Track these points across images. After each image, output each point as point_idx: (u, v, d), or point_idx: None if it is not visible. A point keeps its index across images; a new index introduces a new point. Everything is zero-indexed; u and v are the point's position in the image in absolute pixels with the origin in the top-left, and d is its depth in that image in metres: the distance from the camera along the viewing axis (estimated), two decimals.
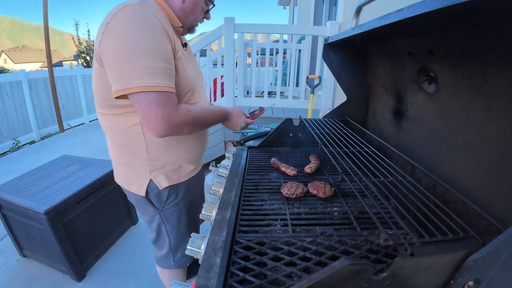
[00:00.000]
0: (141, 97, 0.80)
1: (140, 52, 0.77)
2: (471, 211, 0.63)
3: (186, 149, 1.07)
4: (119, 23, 0.78)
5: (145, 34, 0.78)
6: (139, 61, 0.77)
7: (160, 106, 0.81)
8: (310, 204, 0.89)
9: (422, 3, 0.50)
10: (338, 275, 0.43)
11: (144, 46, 0.78)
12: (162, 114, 0.82)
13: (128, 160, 1.02)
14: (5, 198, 1.71)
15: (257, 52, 5.10)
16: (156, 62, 0.79)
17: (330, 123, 1.31)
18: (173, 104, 0.84)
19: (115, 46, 0.78)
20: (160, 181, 1.04)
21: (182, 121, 0.87)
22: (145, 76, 0.78)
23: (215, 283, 0.53)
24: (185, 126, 0.89)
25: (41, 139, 5.56)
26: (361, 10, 1.09)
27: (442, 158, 0.82)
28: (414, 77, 0.91)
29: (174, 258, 1.20)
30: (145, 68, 0.78)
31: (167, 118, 0.83)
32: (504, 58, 0.56)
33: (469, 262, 0.46)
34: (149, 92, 0.79)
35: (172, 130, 0.86)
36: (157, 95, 0.80)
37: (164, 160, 1.02)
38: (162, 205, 1.10)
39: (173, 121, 0.85)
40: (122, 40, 0.77)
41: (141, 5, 0.81)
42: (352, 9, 1.93)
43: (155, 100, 0.80)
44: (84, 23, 14.20)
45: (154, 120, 0.82)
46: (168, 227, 1.14)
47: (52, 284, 1.78)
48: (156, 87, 0.79)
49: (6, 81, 5.04)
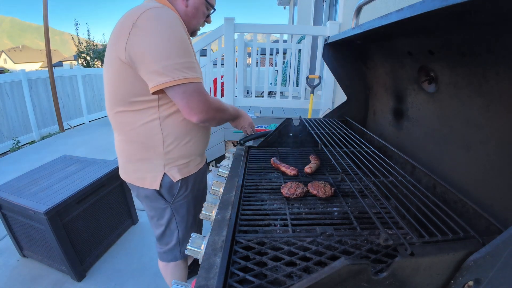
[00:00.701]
0: (184, 88, 0.91)
1: (177, 49, 0.88)
2: (471, 211, 0.63)
3: (196, 142, 1.13)
4: (149, 24, 0.86)
5: (176, 34, 0.88)
6: (177, 58, 0.88)
7: (201, 95, 0.94)
8: (310, 204, 0.89)
9: (422, 3, 0.50)
10: (338, 275, 0.44)
11: (178, 44, 0.89)
12: (203, 100, 0.95)
13: (143, 155, 1.07)
14: (5, 198, 1.71)
15: (257, 52, 5.10)
16: (189, 58, 0.92)
17: (330, 123, 1.31)
18: (207, 93, 0.97)
19: (151, 44, 0.86)
20: (174, 174, 1.09)
21: (215, 107, 1.01)
22: (185, 70, 0.89)
23: (215, 283, 0.53)
24: (217, 112, 1.03)
25: (41, 139, 5.56)
26: (361, 10, 1.09)
27: (442, 158, 0.82)
28: (414, 77, 0.91)
29: (180, 249, 1.24)
30: (183, 64, 0.89)
31: (208, 103, 0.96)
32: (504, 58, 0.56)
33: (469, 262, 0.46)
34: (190, 83, 0.91)
35: (209, 115, 0.98)
36: (197, 85, 0.93)
37: (177, 154, 1.08)
38: (174, 198, 1.14)
39: (211, 106, 0.97)
40: (158, 39, 0.86)
41: (164, 8, 0.91)
42: (352, 9, 1.93)
43: (196, 90, 0.93)
44: (84, 23, 14.18)
45: (197, 106, 0.94)
46: (178, 219, 1.19)
47: (52, 284, 1.78)
48: (194, 79, 0.92)
49: (6, 81, 5.04)
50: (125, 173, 1.14)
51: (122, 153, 1.11)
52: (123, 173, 1.16)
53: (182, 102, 0.93)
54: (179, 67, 0.88)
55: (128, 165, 1.12)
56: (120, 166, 1.16)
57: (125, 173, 1.15)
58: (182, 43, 0.89)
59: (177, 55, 0.88)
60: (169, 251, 1.25)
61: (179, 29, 0.90)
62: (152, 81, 0.89)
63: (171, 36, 0.87)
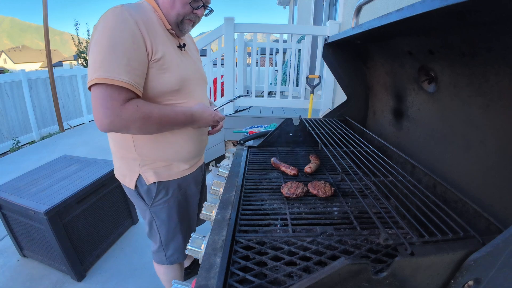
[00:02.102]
0: (93, 90, 0.83)
1: (104, 47, 0.81)
2: (471, 210, 0.63)
3: (176, 148, 1.08)
4: (98, 25, 0.84)
5: (114, 33, 0.82)
6: (99, 55, 0.81)
7: (106, 99, 0.82)
8: (310, 204, 0.89)
9: (422, 3, 0.50)
10: (338, 275, 0.44)
11: (107, 42, 0.81)
12: (105, 107, 0.82)
13: (122, 154, 1.08)
14: (5, 198, 1.70)
15: (257, 52, 5.10)
16: (121, 59, 0.82)
17: (330, 123, 1.31)
18: (120, 100, 0.84)
19: (91, 45, 0.84)
20: (148, 177, 1.07)
21: (127, 117, 0.85)
22: (101, 69, 0.81)
23: (215, 283, 0.53)
24: (131, 122, 0.87)
25: (41, 139, 5.55)
26: (361, 10, 1.09)
27: (442, 157, 0.82)
28: (414, 76, 0.91)
29: (165, 254, 1.24)
30: (102, 62, 0.81)
31: (109, 112, 0.83)
32: (504, 58, 0.56)
33: (469, 262, 0.46)
34: (100, 84, 0.81)
35: (116, 125, 0.86)
36: (105, 89, 0.82)
37: (152, 156, 1.05)
38: (152, 201, 1.13)
39: (116, 116, 0.84)
40: (94, 38, 0.84)
41: (123, 9, 0.86)
42: (352, 9, 1.93)
43: (103, 93, 0.82)
44: (84, 23, 14.16)
45: (98, 112, 0.83)
46: (158, 223, 1.18)
47: (52, 284, 1.78)
48: (108, 80, 0.81)
49: (6, 81, 5.03)
50: (115, 168, 1.17)
51: (111, 148, 1.13)
52: (114, 168, 1.18)
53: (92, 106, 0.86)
54: (97, 66, 0.81)
55: (115, 160, 1.14)
56: (113, 160, 1.18)
57: (115, 168, 1.17)
58: (117, 42, 0.82)
59: (103, 53, 0.81)
60: (156, 252, 1.25)
61: (123, 29, 0.83)
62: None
63: (109, 36, 0.82)
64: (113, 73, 0.81)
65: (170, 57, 0.97)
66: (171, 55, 0.98)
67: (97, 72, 0.80)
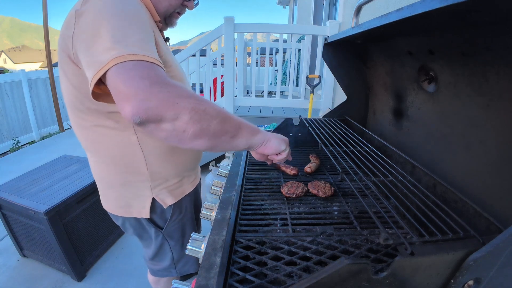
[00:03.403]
0: (118, 71, 0.58)
1: (119, 20, 0.62)
2: (471, 210, 0.63)
3: (186, 154, 0.95)
4: (88, 5, 0.64)
5: (122, 4, 0.65)
6: (117, 30, 0.61)
7: (141, 71, 0.58)
8: (310, 204, 0.89)
9: (421, 3, 0.50)
10: (338, 275, 0.44)
11: (120, 13, 0.63)
12: (154, 81, 0.57)
13: (124, 179, 0.87)
14: (5, 198, 1.70)
15: (257, 52, 5.10)
16: (138, 29, 0.64)
17: (330, 123, 1.31)
18: (161, 74, 0.60)
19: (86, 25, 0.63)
20: (165, 199, 0.91)
21: (179, 91, 0.59)
22: (135, 45, 0.61)
23: (215, 283, 0.53)
24: (185, 105, 0.58)
25: (41, 139, 5.55)
26: (361, 10, 1.09)
27: (442, 157, 0.82)
28: (414, 76, 0.91)
29: (176, 268, 1.09)
30: (125, 36, 0.61)
31: (153, 83, 0.56)
32: (504, 58, 0.56)
33: (469, 262, 0.46)
34: (130, 61, 0.58)
35: (165, 105, 0.56)
36: (143, 64, 0.58)
37: (164, 174, 0.90)
38: (166, 224, 0.97)
39: (168, 92, 0.57)
40: (91, 17, 0.63)
41: None
42: (352, 9, 1.93)
43: (142, 69, 0.58)
44: None
45: (135, 92, 0.56)
46: (172, 244, 1.02)
47: (53, 284, 1.78)
48: (144, 56, 0.60)
49: (6, 81, 5.03)
50: (106, 202, 0.94)
51: (100, 177, 0.92)
52: (104, 201, 0.96)
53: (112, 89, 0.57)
54: (124, 40, 0.59)
55: (108, 191, 0.92)
56: (100, 193, 0.95)
57: (106, 201, 0.95)
58: (134, 15, 0.65)
59: (128, 28, 0.62)
60: (163, 269, 1.08)
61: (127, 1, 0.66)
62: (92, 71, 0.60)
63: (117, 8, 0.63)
64: (142, 49, 0.59)
65: (167, 50, 0.85)
66: (167, 48, 0.87)
67: (127, 48, 0.57)
